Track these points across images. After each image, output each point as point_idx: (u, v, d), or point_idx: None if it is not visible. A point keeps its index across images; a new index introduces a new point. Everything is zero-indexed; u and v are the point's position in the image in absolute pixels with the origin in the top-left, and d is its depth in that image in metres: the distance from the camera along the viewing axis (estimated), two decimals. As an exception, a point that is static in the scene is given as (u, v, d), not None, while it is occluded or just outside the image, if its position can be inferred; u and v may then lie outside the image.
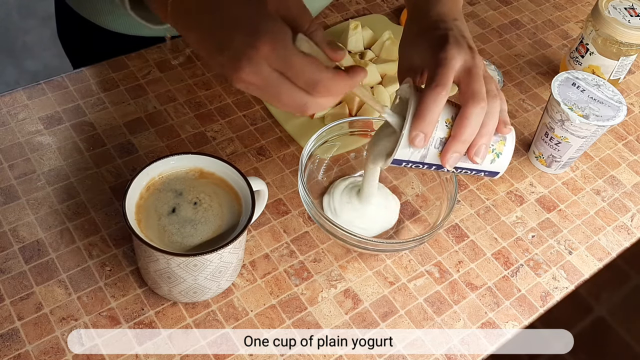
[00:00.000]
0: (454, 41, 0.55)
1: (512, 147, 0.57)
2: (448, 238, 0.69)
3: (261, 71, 0.47)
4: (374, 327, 0.61)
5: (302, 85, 0.48)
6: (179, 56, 0.81)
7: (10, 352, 0.55)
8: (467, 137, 0.53)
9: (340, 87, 0.49)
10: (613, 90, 0.73)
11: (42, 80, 0.76)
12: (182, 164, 0.59)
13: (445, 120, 0.54)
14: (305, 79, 0.47)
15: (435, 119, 0.52)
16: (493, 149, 0.56)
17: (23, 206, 0.65)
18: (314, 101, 0.49)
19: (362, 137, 0.73)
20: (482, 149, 0.54)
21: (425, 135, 0.53)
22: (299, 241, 0.66)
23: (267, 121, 0.77)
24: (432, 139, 0.53)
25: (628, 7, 0.80)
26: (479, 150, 0.54)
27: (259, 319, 0.60)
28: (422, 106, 0.52)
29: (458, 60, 0.54)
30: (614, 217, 0.74)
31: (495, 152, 0.56)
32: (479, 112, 0.53)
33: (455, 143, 0.53)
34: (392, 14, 0.94)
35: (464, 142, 0.53)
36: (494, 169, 0.57)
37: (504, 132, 0.55)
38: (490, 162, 0.56)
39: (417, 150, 0.54)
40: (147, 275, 0.58)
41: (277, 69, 0.47)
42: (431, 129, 0.53)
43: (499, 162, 0.57)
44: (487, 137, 0.54)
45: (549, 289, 0.66)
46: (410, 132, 0.53)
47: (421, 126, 0.52)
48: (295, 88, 0.48)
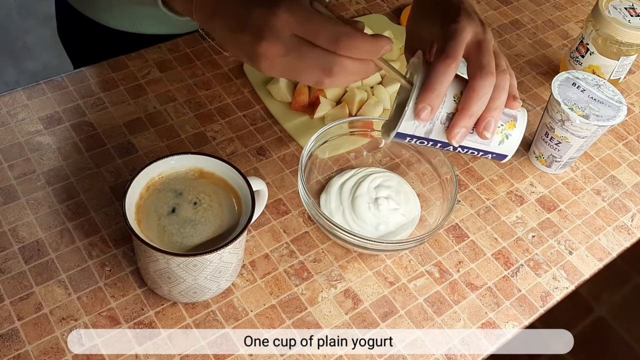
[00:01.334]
0: (465, 13, 0.53)
1: (522, 129, 0.55)
2: (448, 238, 0.69)
3: (282, 37, 0.47)
4: (374, 327, 0.61)
5: (324, 44, 0.47)
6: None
7: (10, 352, 0.55)
8: (475, 111, 0.51)
9: (363, 45, 0.47)
10: (613, 90, 0.72)
11: (41, 80, 0.76)
12: (182, 164, 0.59)
13: (454, 95, 0.51)
14: (326, 36, 0.47)
15: (443, 92, 0.51)
16: (502, 130, 0.53)
17: (23, 206, 0.65)
18: (339, 62, 0.48)
19: (362, 137, 0.72)
20: (492, 124, 0.52)
21: (431, 108, 0.50)
22: (299, 241, 0.66)
23: (267, 121, 0.77)
24: (439, 113, 0.51)
25: (628, 7, 0.80)
26: (488, 125, 0.52)
27: (259, 319, 0.60)
28: (430, 78, 0.50)
29: (469, 31, 0.52)
30: (614, 217, 0.74)
31: (504, 133, 0.54)
32: (488, 85, 0.51)
33: (462, 117, 0.51)
34: (392, 14, 0.94)
35: (471, 116, 0.51)
36: (502, 151, 0.55)
37: (514, 106, 0.53)
38: (498, 144, 0.54)
39: (422, 125, 0.52)
40: (147, 275, 0.58)
41: (298, 33, 0.47)
42: (439, 102, 0.51)
43: (507, 143, 0.54)
44: (496, 111, 0.52)
45: (549, 289, 0.66)
46: (416, 104, 0.51)
47: (428, 98, 0.50)
48: (317, 49, 0.47)
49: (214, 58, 0.82)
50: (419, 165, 0.71)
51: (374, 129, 0.71)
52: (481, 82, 0.51)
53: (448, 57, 0.51)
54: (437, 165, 0.69)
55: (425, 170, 0.70)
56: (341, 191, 0.69)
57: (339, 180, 0.70)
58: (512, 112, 0.55)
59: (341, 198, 0.68)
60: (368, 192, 0.68)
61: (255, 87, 0.79)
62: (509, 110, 0.54)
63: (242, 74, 0.81)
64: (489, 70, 0.51)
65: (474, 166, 0.76)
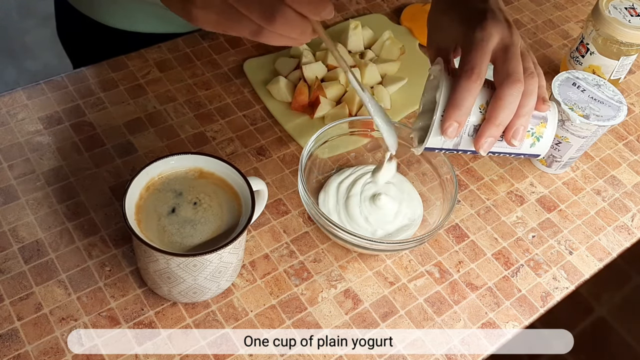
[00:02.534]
0: (491, 16, 0.51)
1: (554, 127, 0.53)
2: (448, 238, 0.69)
3: (214, 4, 0.45)
4: (374, 328, 0.61)
5: (257, 18, 0.45)
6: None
7: (10, 352, 0.55)
8: (502, 121, 0.50)
9: (301, 11, 0.45)
10: (613, 90, 0.72)
11: (41, 80, 0.76)
12: (181, 164, 0.59)
13: (480, 106, 0.50)
14: (259, 11, 0.45)
15: (469, 108, 0.49)
16: (532, 133, 0.52)
17: (22, 206, 0.65)
18: (281, 9, 0.45)
19: (362, 137, 0.72)
20: (520, 131, 0.51)
21: (458, 124, 0.49)
22: (299, 241, 0.66)
23: (267, 121, 0.76)
24: (465, 126, 0.50)
25: (628, 7, 0.80)
26: (516, 133, 0.51)
27: (258, 319, 0.60)
28: (455, 95, 0.49)
29: (495, 38, 0.50)
30: (615, 217, 0.74)
31: (535, 136, 0.52)
32: (515, 93, 0.49)
33: (489, 127, 0.50)
34: (392, 13, 0.94)
35: (498, 126, 0.50)
36: (534, 152, 0.54)
37: (542, 109, 0.52)
38: (529, 146, 0.53)
39: (447, 141, 0.51)
40: (147, 275, 0.58)
41: (230, 1, 0.45)
42: (465, 118, 0.50)
43: (539, 145, 0.53)
44: (524, 117, 0.51)
45: (550, 289, 0.66)
46: (442, 122, 0.49)
47: (454, 115, 0.49)
48: (249, 20, 0.46)
49: (214, 58, 0.82)
50: (419, 165, 0.71)
51: (374, 129, 0.71)
52: (508, 90, 0.49)
53: (473, 72, 0.49)
54: (437, 165, 0.69)
55: (425, 170, 0.70)
56: (338, 190, 0.69)
57: (337, 178, 0.70)
58: (542, 113, 0.53)
59: (338, 197, 0.68)
60: (362, 191, 0.68)
61: (255, 87, 0.79)
62: (538, 112, 0.53)
63: (242, 74, 0.81)
64: (516, 77, 0.49)
65: (474, 166, 0.76)
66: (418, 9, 0.93)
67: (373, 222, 0.66)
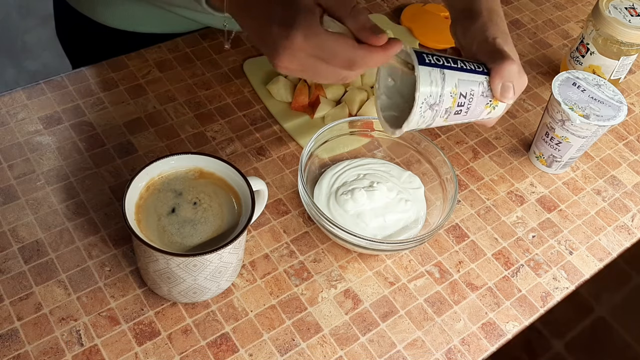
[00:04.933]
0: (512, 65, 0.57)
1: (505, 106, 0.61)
2: (448, 238, 0.69)
3: (298, 58, 0.51)
4: (374, 327, 0.61)
5: (339, 65, 0.52)
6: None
7: (10, 352, 0.55)
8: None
9: (376, 60, 0.52)
10: (614, 90, 0.72)
11: (41, 80, 0.76)
12: (181, 164, 0.59)
13: (451, 91, 0.55)
14: (341, 60, 0.51)
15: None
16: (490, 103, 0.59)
17: (22, 206, 0.65)
18: (354, 74, 0.53)
19: (362, 137, 0.72)
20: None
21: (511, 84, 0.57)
22: (299, 241, 0.66)
23: (267, 121, 0.76)
24: (439, 109, 0.56)
25: (629, 7, 0.80)
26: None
27: (259, 319, 0.60)
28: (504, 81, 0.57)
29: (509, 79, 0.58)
30: (615, 217, 0.74)
31: (492, 106, 0.60)
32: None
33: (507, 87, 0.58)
34: (392, 13, 0.94)
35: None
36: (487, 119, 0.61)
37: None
38: (487, 114, 0.60)
39: (425, 122, 0.56)
40: (147, 275, 0.58)
41: (313, 54, 0.51)
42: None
43: (495, 112, 0.60)
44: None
45: (550, 289, 0.66)
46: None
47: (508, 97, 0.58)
48: (333, 68, 0.52)
49: (214, 58, 0.82)
50: (419, 165, 0.71)
51: (374, 129, 0.71)
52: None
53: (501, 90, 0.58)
54: (437, 165, 0.69)
55: (425, 170, 0.70)
56: (330, 184, 0.69)
57: (330, 172, 0.70)
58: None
59: (330, 190, 0.68)
60: (351, 183, 0.68)
61: (255, 87, 0.79)
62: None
63: (242, 74, 0.81)
64: (511, 96, 0.59)
65: (474, 166, 0.76)
66: (418, 9, 0.93)
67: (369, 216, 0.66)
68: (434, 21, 0.91)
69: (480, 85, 0.57)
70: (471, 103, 0.57)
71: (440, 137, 0.78)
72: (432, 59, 0.55)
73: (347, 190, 0.67)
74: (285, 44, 0.50)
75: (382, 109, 0.62)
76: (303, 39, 0.50)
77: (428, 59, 0.55)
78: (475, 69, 0.58)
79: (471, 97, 0.57)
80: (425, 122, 0.56)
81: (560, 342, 1.66)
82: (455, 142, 0.78)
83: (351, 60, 0.51)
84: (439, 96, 0.55)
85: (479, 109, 0.58)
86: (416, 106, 0.54)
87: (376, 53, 0.52)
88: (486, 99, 0.58)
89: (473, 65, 0.58)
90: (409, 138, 0.70)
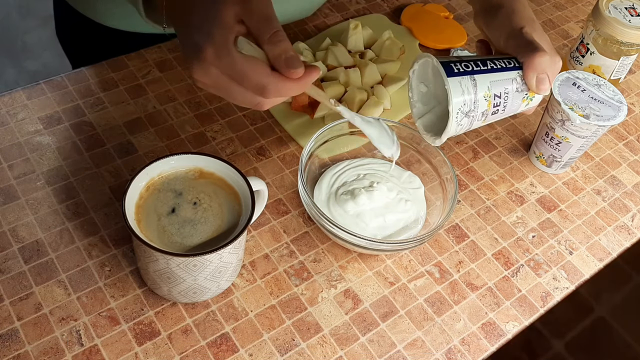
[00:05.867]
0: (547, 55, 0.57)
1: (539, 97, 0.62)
2: (448, 238, 0.69)
3: (210, 73, 0.50)
4: (374, 327, 0.61)
5: (251, 89, 0.50)
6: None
7: (10, 352, 0.55)
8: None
9: (289, 89, 0.51)
10: (614, 90, 0.72)
11: (41, 80, 0.76)
12: (181, 164, 0.59)
13: (484, 95, 0.55)
14: (252, 84, 0.50)
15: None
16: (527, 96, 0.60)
17: (22, 206, 0.65)
18: (267, 102, 0.51)
19: (362, 137, 0.72)
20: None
21: (547, 76, 0.57)
22: (299, 241, 0.66)
23: (267, 121, 0.76)
24: (475, 114, 0.56)
25: (629, 7, 0.80)
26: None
27: (258, 319, 0.60)
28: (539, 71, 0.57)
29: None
30: (615, 217, 0.74)
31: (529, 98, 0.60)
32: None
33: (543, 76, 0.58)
34: (392, 13, 0.94)
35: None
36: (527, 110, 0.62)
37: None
38: (525, 106, 0.60)
39: (463, 128, 0.57)
40: (147, 275, 0.58)
41: (225, 73, 0.49)
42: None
43: (533, 103, 0.61)
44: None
45: (550, 289, 0.66)
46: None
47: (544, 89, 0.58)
48: (245, 90, 0.50)
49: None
50: (419, 165, 0.71)
51: (374, 129, 0.71)
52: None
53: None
54: (437, 165, 0.69)
55: (425, 170, 0.70)
56: (330, 184, 0.69)
57: (330, 172, 0.70)
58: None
59: (330, 190, 0.68)
60: (351, 183, 0.68)
61: (255, 87, 0.79)
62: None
63: (242, 73, 0.81)
64: (546, 87, 0.59)
65: (474, 166, 0.76)
66: (418, 9, 0.93)
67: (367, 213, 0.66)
68: (434, 21, 0.91)
69: (514, 81, 0.57)
70: (507, 101, 0.57)
71: (440, 137, 0.78)
72: (460, 67, 0.54)
73: (347, 190, 0.67)
74: (198, 57, 0.49)
75: (419, 116, 0.62)
76: (214, 55, 0.49)
77: (456, 68, 0.54)
78: (506, 67, 0.57)
79: (506, 96, 0.57)
80: (463, 128, 0.57)
81: (560, 342, 1.66)
82: (455, 142, 0.78)
83: (262, 87, 0.50)
84: (473, 102, 0.54)
85: (515, 104, 0.58)
86: (452, 118, 0.54)
87: (289, 83, 0.50)
88: (522, 94, 0.58)
89: (504, 62, 0.57)
90: (409, 138, 0.70)
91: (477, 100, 0.54)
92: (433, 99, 0.63)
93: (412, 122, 0.79)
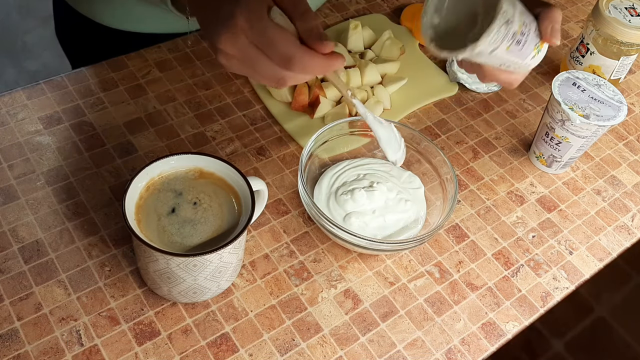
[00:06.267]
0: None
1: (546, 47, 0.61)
2: (448, 238, 0.69)
3: (238, 42, 0.50)
4: (374, 327, 0.61)
5: (276, 60, 0.50)
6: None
7: (10, 352, 0.55)
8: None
9: (315, 65, 0.50)
10: (614, 90, 0.72)
11: (41, 80, 0.76)
12: (181, 164, 0.59)
13: (519, 15, 0.55)
14: (279, 54, 0.50)
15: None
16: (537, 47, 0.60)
17: (22, 206, 0.65)
18: (290, 76, 0.51)
19: (362, 137, 0.72)
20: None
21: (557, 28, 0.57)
22: (299, 241, 0.66)
23: (267, 121, 0.76)
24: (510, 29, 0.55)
25: (628, 7, 0.80)
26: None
27: (258, 319, 0.60)
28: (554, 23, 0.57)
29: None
30: (615, 217, 0.74)
31: (537, 49, 0.60)
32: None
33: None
34: (392, 13, 0.94)
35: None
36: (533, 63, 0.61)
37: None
38: (531, 58, 0.60)
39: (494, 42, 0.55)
40: (147, 275, 0.58)
41: (253, 41, 0.49)
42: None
43: (538, 57, 0.61)
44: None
45: (550, 289, 0.66)
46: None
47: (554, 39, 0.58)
48: (270, 62, 0.50)
49: (214, 58, 0.82)
50: (419, 165, 0.71)
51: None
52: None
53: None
54: (437, 165, 0.69)
55: (425, 170, 0.70)
56: (330, 184, 0.69)
57: (330, 172, 0.70)
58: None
59: (330, 190, 0.68)
60: (351, 183, 0.68)
61: (255, 87, 0.79)
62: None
63: (242, 73, 0.81)
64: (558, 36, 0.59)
65: (474, 166, 0.76)
66: (418, 9, 0.93)
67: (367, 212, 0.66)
68: (434, 21, 0.91)
69: (533, 22, 0.58)
70: (528, 36, 0.58)
71: (441, 137, 0.78)
72: None
73: (347, 190, 0.67)
74: (228, 24, 0.49)
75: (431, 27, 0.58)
76: (246, 20, 0.49)
77: None
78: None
79: (529, 30, 0.58)
80: (494, 42, 0.54)
81: (560, 342, 1.66)
82: (455, 142, 0.78)
83: (289, 58, 0.49)
84: (513, 15, 0.55)
85: (529, 48, 0.58)
86: (499, 15, 0.52)
87: (317, 58, 0.50)
88: (536, 39, 0.59)
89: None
90: (409, 138, 0.70)
91: (515, 15, 0.54)
92: (452, 15, 0.60)
93: (412, 122, 0.79)
